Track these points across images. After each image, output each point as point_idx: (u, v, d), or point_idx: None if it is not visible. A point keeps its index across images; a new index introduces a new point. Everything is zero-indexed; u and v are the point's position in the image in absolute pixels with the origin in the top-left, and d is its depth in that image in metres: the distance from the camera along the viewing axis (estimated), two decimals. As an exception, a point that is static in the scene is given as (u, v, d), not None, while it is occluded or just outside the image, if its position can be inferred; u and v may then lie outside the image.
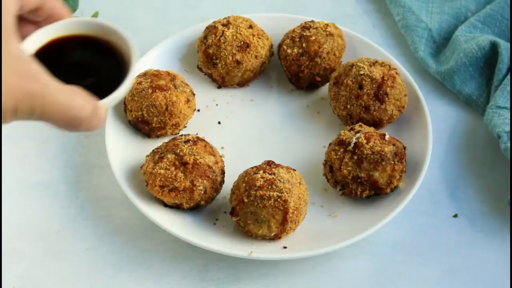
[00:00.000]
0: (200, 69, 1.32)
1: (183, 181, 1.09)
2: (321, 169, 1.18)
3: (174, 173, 1.09)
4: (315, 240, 1.09)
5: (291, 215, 1.05)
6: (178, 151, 1.11)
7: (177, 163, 1.10)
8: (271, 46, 1.31)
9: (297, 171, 1.11)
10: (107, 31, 0.88)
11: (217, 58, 1.27)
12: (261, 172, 1.08)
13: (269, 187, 1.05)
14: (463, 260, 1.11)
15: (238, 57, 1.26)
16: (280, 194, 1.04)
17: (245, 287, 1.08)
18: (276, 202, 1.04)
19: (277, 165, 1.09)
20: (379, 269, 1.10)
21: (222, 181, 1.13)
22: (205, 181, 1.10)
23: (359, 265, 1.10)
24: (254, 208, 1.05)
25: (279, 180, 1.06)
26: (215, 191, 1.12)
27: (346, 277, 1.09)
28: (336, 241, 1.07)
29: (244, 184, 1.07)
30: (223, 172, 1.14)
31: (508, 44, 1.29)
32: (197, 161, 1.10)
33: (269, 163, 1.10)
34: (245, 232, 1.09)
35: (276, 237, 1.08)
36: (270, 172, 1.07)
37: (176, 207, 1.12)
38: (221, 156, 1.15)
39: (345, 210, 1.14)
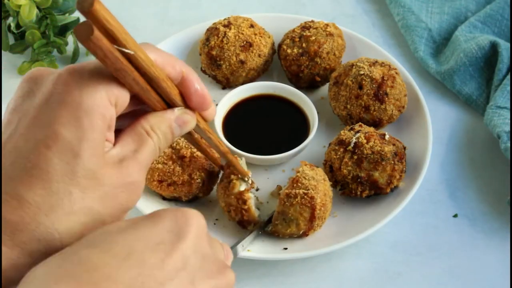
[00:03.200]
0: (204, 72, 1.32)
1: (181, 175, 1.10)
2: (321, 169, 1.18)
3: (172, 167, 1.10)
4: (315, 240, 1.09)
5: (318, 211, 1.05)
6: (175, 144, 1.11)
7: (174, 157, 1.10)
8: (273, 44, 1.31)
9: (320, 168, 1.11)
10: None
11: (221, 59, 1.27)
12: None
13: (295, 185, 1.05)
14: (463, 260, 1.11)
15: (242, 57, 1.26)
16: (306, 191, 1.04)
17: (245, 287, 1.08)
18: (303, 200, 1.04)
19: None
20: (379, 269, 1.10)
21: (219, 172, 1.14)
22: (202, 173, 1.11)
23: (359, 265, 1.10)
24: (281, 208, 1.05)
25: (303, 177, 1.06)
26: (213, 183, 1.13)
27: (346, 277, 1.09)
28: (336, 241, 1.07)
29: None
30: None
31: (508, 44, 1.29)
32: (194, 154, 1.10)
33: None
34: (270, 233, 1.09)
35: (304, 235, 1.08)
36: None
37: (175, 200, 1.13)
38: None
39: (345, 210, 1.14)
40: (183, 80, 0.73)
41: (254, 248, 1.07)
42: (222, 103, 1.23)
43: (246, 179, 1.06)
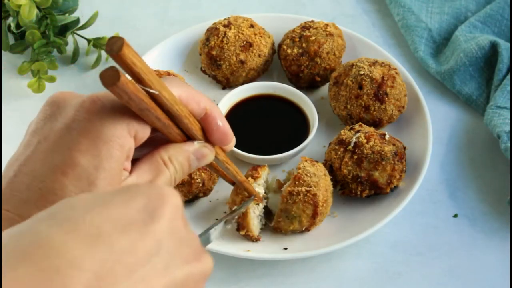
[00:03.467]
0: (204, 72, 1.32)
1: None
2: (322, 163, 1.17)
3: None
4: (315, 240, 1.09)
5: (320, 208, 1.05)
6: None
7: None
8: (273, 44, 1.31)
9: (320, 163, 1.11)
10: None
11: (221, 59, 1.27)
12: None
13: (297, 182, 1.05)
14: (463, 260, 1.11)
15: (242, 57, 1.26)
16: (308, 189, 1.05)
17: (245, 287, 1.08)
18: (305, 197, 1.05)
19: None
20: (379, 269, 1.10)
21: None
22: (202, 173, 1.11)
23: (359, 265, 1.10)
24: (284, 205, 1.05)
25: (305, 174, 1.06)
26: (213, 183, 1.13)
27: (346, 277, 1.09)
28: (336, 241, 1.07)
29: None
30: None
31: (508, 44, 1.29)
32: None
33: None
34: (273, 229, 1.09)
35: (306, 230, 1.09)
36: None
37: None
38: None
39: (345, 210, 1.14)
40: (206, 116, 0.74)
41: (254, 248, 1.07)
42: (222, 103, 1.23)
43: (260, 204, 1.07)
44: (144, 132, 0.69)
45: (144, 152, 0.72)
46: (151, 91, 0.65)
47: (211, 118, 0.74)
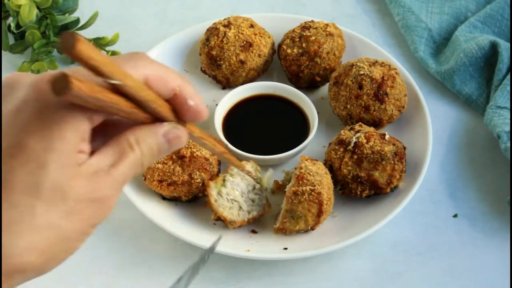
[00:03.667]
0: (204, 72, 1.32)
1: (181, 175, 1.10)
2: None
3: (172, 167, 1.10)
4: (315, 240, 1.09)
5: (325, 206, 1.06)
6: None
7: (174, 157, 1.11)
8: (273, 44, 1.31)
9: (320, 162, 1.11)
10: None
11: (221, 59, 1.27)
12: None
13: (300, 182, 1.05)
14: (463, 260, 1.11)
15: (242, 57, 1.26)
16: (312, 188, 1.05)
17: (245, 287, 1.08)
18: (310, 196, 1.05)
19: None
20: (379, 269, 1.10)
21: (219, 171, 1.14)
22: (202, 173, 1.11)
23: (359, 265, 1.10)
24: (289, 206, 1.06)
25: (308, 173, 1.06)
26: None
27: (346, 277, 1.09)
28: (336, 241, 1.07)
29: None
30: (219, 163, 1.14)
31: (508, 44, 1.29)
32: (194, 154, 1.11)
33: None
34: (278, 231, 1.09)
35: (311, 229, 1.09)
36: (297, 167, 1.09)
37: (175, 200, 1.13)
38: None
39: (345, 210, 1.14)
40: (176, 97, 0.69)
41: (254, 248, 1.07)
42: (222, 103, 1.23)
43: (242, 170, 1.05)
44: (99, 114, 0.65)
45: (105, 137, 0.68)
46: (113, 82, 0.61)
47: (181, 98, 0.69)
